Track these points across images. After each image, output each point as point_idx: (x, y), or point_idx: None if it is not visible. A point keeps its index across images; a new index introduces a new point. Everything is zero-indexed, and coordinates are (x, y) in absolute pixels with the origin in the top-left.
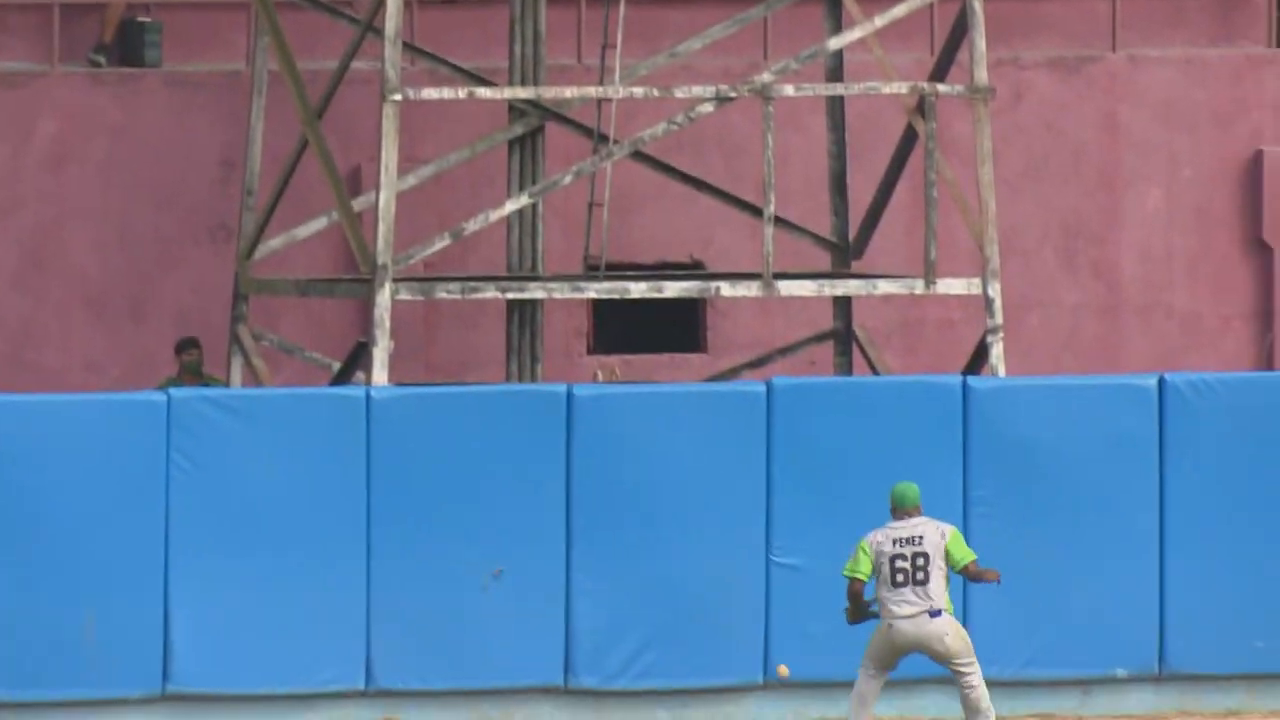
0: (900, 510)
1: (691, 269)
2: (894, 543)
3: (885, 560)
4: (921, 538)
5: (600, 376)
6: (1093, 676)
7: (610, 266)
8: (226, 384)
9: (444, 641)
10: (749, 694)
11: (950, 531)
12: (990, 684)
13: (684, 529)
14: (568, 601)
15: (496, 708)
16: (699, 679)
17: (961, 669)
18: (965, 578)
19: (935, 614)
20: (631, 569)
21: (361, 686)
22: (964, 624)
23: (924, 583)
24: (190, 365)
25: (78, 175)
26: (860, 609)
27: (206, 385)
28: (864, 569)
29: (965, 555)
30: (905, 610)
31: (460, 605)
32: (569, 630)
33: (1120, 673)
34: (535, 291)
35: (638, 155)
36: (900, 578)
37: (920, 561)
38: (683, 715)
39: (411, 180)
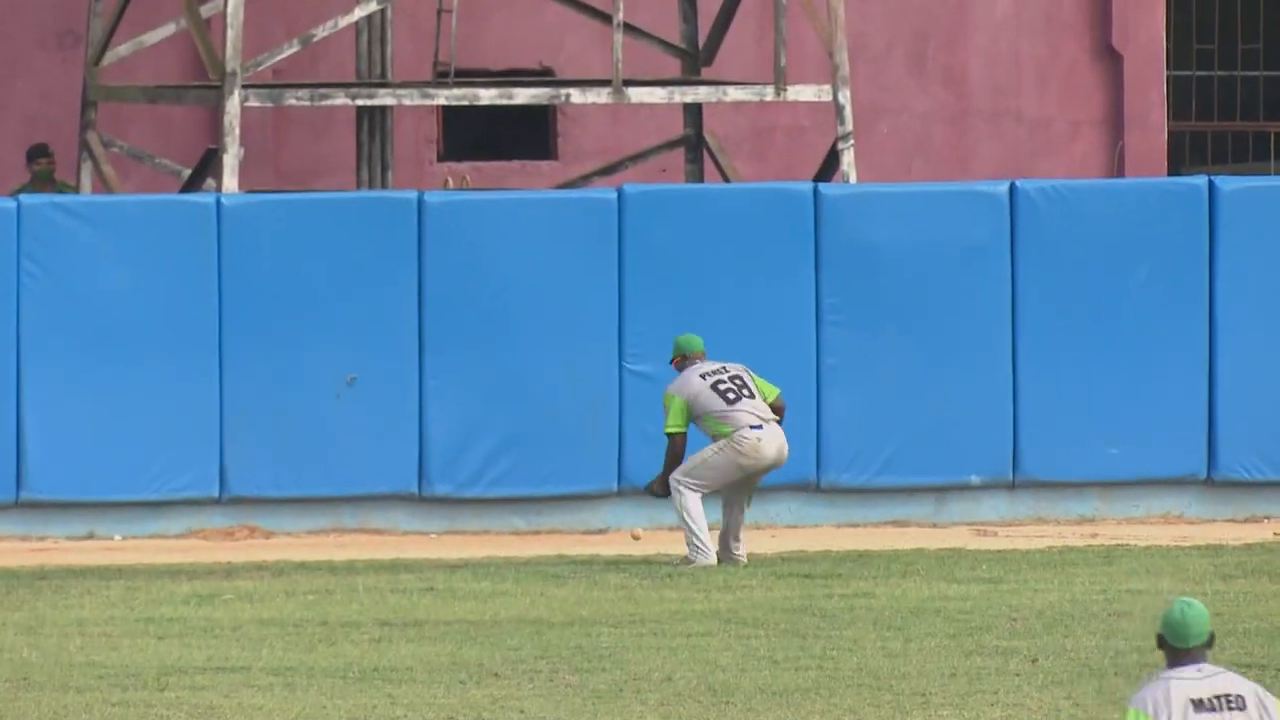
0: (691, 357)
1: (541, 75)
2: (702, 376)
3: (706, 389)
4: (726, 368)
5: (451, 184)
6: (947, 484)
7: (460, 73)
8: (78, 191)
9: (298, 449)
10: (604, 501)
11: (748, 369)
12: (844, 491)
13: (537, 336)
14: (421, 409)
15: (351, 515)
16: (554, 486)
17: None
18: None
19: (775, 422)
20: (485, 377)
21: (216, 494)
22: (817, 432)
23: (752, 396)
24: (42, 173)
25: None
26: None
27: (60, 193)
28: (682, 420)
29: (774, 388)
30: (755, 420)
31: (314, 413)
32: (423, 438)
33: (974, 480)
34: (385, 98)
35: None
36: (732, 395)
37: (739, 381)
38: (538, 523)
39: None
